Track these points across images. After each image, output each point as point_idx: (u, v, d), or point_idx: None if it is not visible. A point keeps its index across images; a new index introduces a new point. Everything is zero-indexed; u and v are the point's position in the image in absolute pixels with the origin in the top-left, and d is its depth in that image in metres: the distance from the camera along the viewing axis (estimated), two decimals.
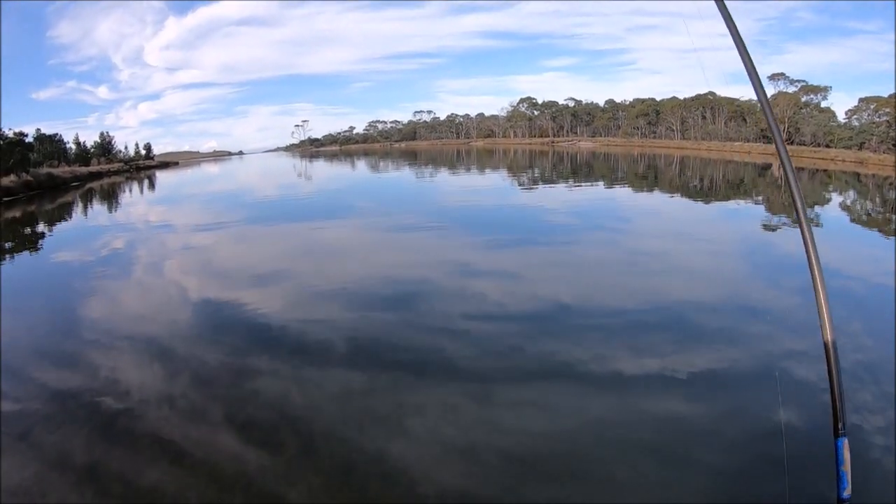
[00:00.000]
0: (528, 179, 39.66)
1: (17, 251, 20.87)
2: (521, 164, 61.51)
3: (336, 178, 54.81)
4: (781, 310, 9.53)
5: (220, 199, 37.22)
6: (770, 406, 5.89)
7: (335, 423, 6.20)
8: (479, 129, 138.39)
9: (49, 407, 7.06)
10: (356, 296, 11.26)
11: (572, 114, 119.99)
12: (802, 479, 4.52)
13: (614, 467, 5.19)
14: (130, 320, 10.66)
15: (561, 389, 6.77)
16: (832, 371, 2.35)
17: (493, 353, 7.94)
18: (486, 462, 5.33)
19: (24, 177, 50.07)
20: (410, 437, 5.87)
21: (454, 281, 11.97)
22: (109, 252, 18.81)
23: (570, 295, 10.67)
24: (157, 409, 6.78)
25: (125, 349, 9.04)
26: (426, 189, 36.74)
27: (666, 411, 6.00)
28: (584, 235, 17.08)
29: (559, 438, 5.73)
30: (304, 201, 32.51)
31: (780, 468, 3.97)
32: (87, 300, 12.45)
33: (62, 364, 8.54)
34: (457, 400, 6.62)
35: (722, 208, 23.43)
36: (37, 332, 10.38)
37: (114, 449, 5.89)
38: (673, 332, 8.41)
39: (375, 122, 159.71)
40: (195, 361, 8.29)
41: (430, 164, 64.43)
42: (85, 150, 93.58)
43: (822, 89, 75.20)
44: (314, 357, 8.21)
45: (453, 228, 19.16)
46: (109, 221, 28.90)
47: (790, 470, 4.11)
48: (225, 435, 6.05)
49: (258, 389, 7.18)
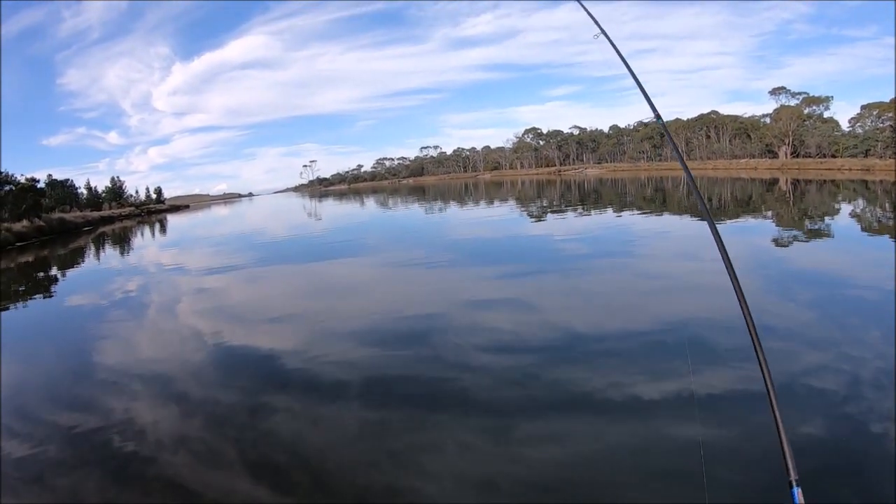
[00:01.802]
0: (537, 210, 39.68)
1: (30, 295, 21.04)
2: (530, 194, 61.66)
3: (345, 216, 55.09)
4: (798, 326, 9.43)
5: (231, 241, 37.45)
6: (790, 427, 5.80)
7: (349, 461, 6.11)
8: (485, 161, 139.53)
9: (62, 449, 7.03)
10: (368, 332, 11.20)
11: (577, 142, 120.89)
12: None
13: (634, 495, 5.08)
14: (143, 363, 10.64)
15: (578, 417, 6.67)
16: (777, 420, 2.27)
17: (509, 383, 7.83)
18: (503, 493, 5.24)
19: (37, 222, 50.78)
20: (426, 472, 5.78)
21: (466, 313, 11.90)
22: (122, 295, 18.91)
23: (584, 322, 10.59)
24: (170, 450, 6.73)
25: (138, 392, 9.02)
26: (436, 224, 36.84)
27: (685, 436, 5.89)
28: (595, 262, 17.00)
29: (578, 467, 5.62)
30: (315, 240, 32.60)
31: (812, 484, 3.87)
32: (100, 343, 12.48)
33: (75, 407, 8.53)
34: (471, 432, 6.53)
35: (732, 227, 23.29)
36: (50, 375, 10.41)
37: (126, 491, 5.85)
38: (689, 353, 8.30)
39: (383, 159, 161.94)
40: (208, 402, 8.25)
41: (439, 199, 64.73)
42: (96, 195, 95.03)
43: (824, 100, 75.59)
44: (327, 395, 8.13)
45: (464, 261, 19.10)
46: (122, 265, 29.14)
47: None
48: (237, 474, 5.99)
49: (271, 429, 7.12)
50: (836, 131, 70.15)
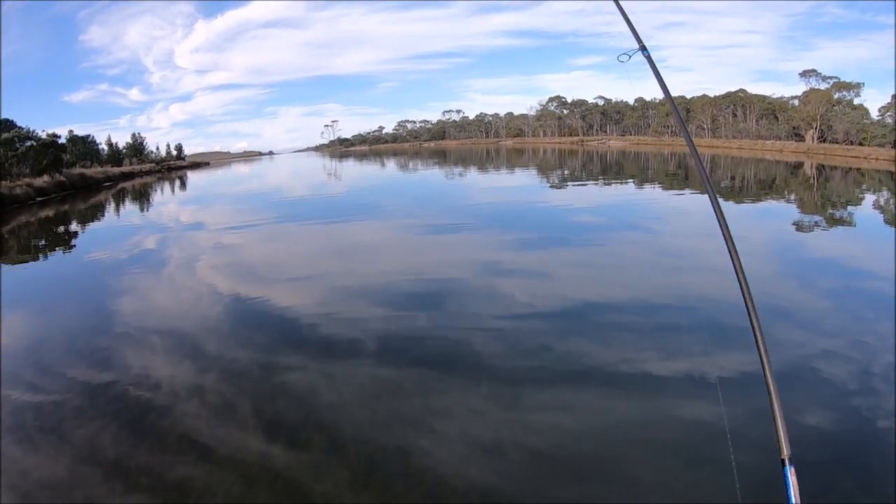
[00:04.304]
0: (558, 178, 39.40)
1: (50, 250, 21.30)
2: (551, 163, 61.13)
3: (365, 177, 55.07)
4: (813, 311, 9.36)
5: (251, 199, 37.61)
6: (801, 409, 5.79)
7: (362, 421, 6.21)
8: (508, 128, 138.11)
9: (80, 401, 7.20)
10: (384, 294, 11.30)
11: (602, 112, 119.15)
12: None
13: (642, 468, 5.12)
14: (161, 317, 10.82)
15: (589, 389, 6.71)
16: (772, 398, 2.23)
17: (522, 352, 7.90)
18: (511, 461, 5.31)
19: (58, 177, 51.01)
20: (436, 434, 5.87)
21: (483, 280, 11.94)
22: (141, 251, 19.19)
23: (599, 294, 10.59)
24: (186, 404, 6.86)
25: (156, 345, 9.20)
26: (456, 188, 36.75)
27: (694, 413, 5.90)
28: (614, 234, 16.95)
29: (586, 438, 5.67)
30: (334, 200, 32.79)
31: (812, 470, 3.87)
32: (119, 297, 12.69)
33: (93, 360, 8.72)
34: (484, 399, 6.61)
35: (753, 208, 23.00)
36: (69, 329, 10.61)
37: (142, 442, 5.98)
38: (703, 332, 8.26)
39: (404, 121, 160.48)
40: (224, 358, 8.40)
41: (460, 164, 64.36)
42: (117, 151, 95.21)
43: (855, 86, 73.33)
44: (342, 354, 8.25)
45: (483, 227, 19.13)
46: (141, 221, 29.38)
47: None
48: (252, 431, 6.11)
49: (286, 386, 7.24)
50: (865, 119, 68.29)
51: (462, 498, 4.81)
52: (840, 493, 4.62)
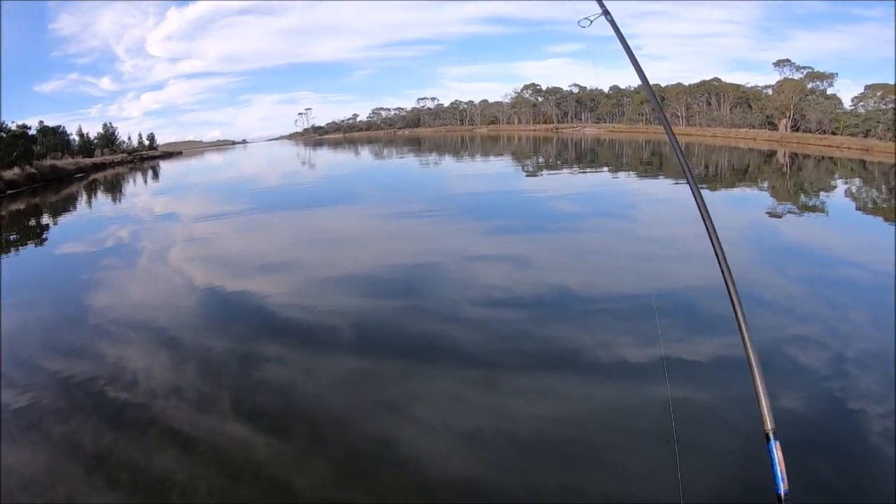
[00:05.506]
0: (533, 166, 39.43)
1: (22, 244, 20.91)
2: (526, 150, 61.13)
3: (339, 165, 54.65)
4: (786, 297, 9.53)
5: (224, 189, 37.20)
6: (774, 394, 5.92)
7: (343, 411, 6.23)
8: (483, 115, 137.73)
9: (58, 397, 7.11)
10: (362, 283, 11.29)
11: (577, 100, 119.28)
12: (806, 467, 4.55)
13: (623, 453, 5.21)
14: (136, 310, 10.70)
15: (568, 375, 6.79)
16: (755, 374, 2.25)
17: (501, 338, 7.97)
18: (494, 448, 5.37)
19: (28, 169, 50.06)
20: (418, 423, 5.91)
21: (460, 267, 11.98)
22: (115, 243, 18.90)
23: (576, 281, 10.66)
24: (166, 397, 6.82)
25: (132, 339, 9.10)
26: (431, 176, 36.66)
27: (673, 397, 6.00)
28: (589, 222, 17.10)
29: (567, 424, 5.75)
30: (308, 189, 32.50)
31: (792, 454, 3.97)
32: (93, 291, 12.51)
33: (70, 354, 8.60)
34: (464, 386, 6.65)
35: (727, 196, 23.28)
36: (44, 323, 10.43)
37: (122, 438, 5.94)
38: (679, 317, 8.41)
39: (379, 109, 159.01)
40: (202, 350, 8.36)
41: (435, 151, 64.08)
42: (88, 142, 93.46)
43: (828, 76, 74.22)
44: (321, 344, 8.25)
45: (458, 215, 19.15)
46: (114, 212, 28.88)
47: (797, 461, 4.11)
48: (233, 423, 6.09)
49: (266, 377, 7.23)
50: (838, 108, 69.12)
51: (446, 485, 4.85)
52: (818, 469, 4.75)
